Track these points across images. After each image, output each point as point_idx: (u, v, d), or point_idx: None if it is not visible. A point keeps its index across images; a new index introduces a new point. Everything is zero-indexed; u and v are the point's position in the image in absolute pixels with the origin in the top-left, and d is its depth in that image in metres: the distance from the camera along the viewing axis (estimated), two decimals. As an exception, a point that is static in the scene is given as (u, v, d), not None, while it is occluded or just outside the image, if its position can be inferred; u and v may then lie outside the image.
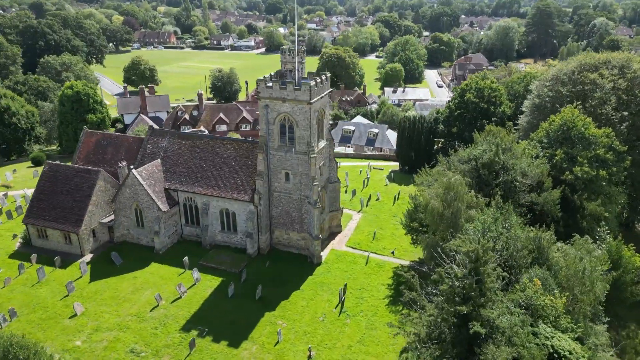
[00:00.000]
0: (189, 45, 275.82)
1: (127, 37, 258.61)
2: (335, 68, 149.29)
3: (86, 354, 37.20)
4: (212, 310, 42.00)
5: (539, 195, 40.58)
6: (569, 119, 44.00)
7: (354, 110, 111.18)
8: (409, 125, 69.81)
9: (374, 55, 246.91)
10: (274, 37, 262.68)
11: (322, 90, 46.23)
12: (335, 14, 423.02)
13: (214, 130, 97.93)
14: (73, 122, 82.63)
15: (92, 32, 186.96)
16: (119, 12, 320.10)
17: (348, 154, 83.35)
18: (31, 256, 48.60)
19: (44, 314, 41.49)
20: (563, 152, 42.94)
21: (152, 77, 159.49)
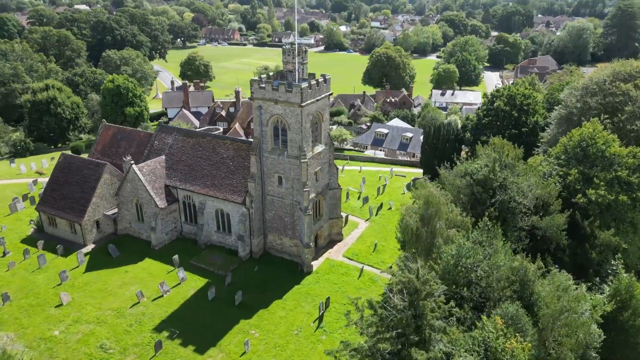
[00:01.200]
0: (252, 42, 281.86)
1: (193, 34, 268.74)
2: (385, 68, 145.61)
3: (60, 345, 38.01)
4: (189, 312, 41.55)
5: (541, 219, 36.11)
6: (588, 134, 38.81)
7: (393, 112, 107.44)
8: (433, 131, 65.78)
9: (435, 56, 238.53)
10: (334, 35, 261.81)
11: (318, 92, 44.22)
12: (402, 12, 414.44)
13: (248, 127, 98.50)
14: (112, 114, 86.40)
15: (157, 28, 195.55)
16: (190, 9, 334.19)
17: (375, 158, 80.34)
18: (38, 242, 50.88)
19: (34, 300, 43.06)
20: (578, 171, 37.94)
21: (206, 72, 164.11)
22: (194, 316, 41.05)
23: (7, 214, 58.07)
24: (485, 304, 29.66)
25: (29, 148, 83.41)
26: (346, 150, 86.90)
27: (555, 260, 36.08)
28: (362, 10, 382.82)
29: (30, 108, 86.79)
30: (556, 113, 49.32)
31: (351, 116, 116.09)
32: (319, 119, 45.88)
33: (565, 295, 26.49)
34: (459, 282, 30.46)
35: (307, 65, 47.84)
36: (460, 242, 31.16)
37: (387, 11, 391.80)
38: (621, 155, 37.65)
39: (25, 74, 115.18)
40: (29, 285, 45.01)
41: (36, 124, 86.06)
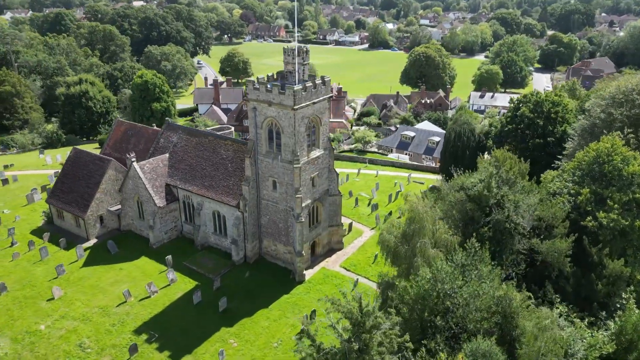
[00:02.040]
0: (296, 39, 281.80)
1: (239, 30, 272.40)
2: (423, 68, 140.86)
3: (42, 340, 38.36)
4: (172, 316, 40.93)
5: (542, 242, 32.53)
6: (605, 150, 34.61)
7: (425, 114, 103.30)
8: (453, 137, 62.07)
9: (483, 55, 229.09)
10: (379, 33, 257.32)
11: (315, 95, 42.25)
12: (454, 10, 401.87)
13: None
14: (140, 109, 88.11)
15: (201, 24, 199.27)
16: (240, 6, 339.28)
17: (395, 163, 77.20)
18: (44, 234, 52.09)
19: (29, 292, 43.90)
20: (590, 191, 33.92)
21: (244, 69, 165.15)
22: (176, 320, 40.36)
23: (24, 205, 59.99)
24: (460, 335, 26.85)
25: (60, 139, 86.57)
26: (369, 153, 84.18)
27: (557, 290, 32.52)
28: (412, 7, 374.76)
29: (64, 101, 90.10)
30: (579, 124, 44.79)
31: (382, 117, 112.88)
32: (316, 123, 43.92)
33: (542, 335, 23.29)
34: (433, 309, 27.81)
35: (308, 66, 46.00)
36: (438, 264, 28.38)
37: (438, 8, 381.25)
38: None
39: (69, 68, 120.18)
40: (28, 277, 45.98)
41: (69, 116, 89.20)
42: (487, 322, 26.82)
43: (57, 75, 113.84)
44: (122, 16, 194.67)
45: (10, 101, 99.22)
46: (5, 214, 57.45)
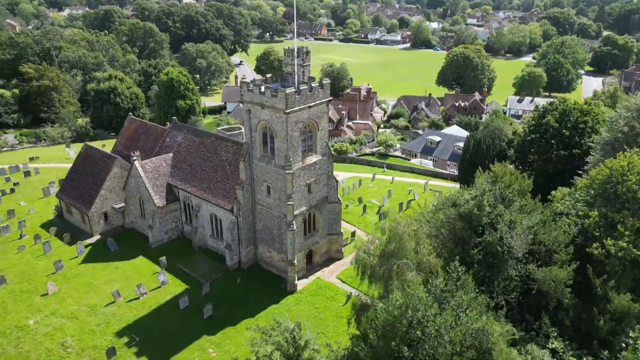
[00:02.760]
0: (338, 38, 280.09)
1: (281, 28, 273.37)
2: (460, 69, 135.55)
3: (28, 335, 38.64)
4: (156, 319, 40.29)
5: (539, 268, 29.28)
6: (620, 169, 30.78)
7: (456, 118, 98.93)
8: (473, 144, 58.46)
9: (531, 57, 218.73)
10: (422, 32, 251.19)
11: (310, 98, 40.36)
12: (505, 8, 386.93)
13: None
14: (165, 106, 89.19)
15: (241, 22, 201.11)
16: (284, 4, 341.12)
17: (414, 169, 73.99)
18: (50, 228, 53.04)
19: (27, 286, 44.56)
20: (600, 214, 30.26)
21: (280, 67, 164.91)
22: (160, 324, 39.68)
23: (40, 197, 61.60)
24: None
25: (89, 134, 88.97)
26: (391, 157, 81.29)
27: (555, 322, 29.23)
28: (460, 6, 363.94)
29: (94, 96, 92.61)
30: (600, 137, 40.55)
31: (412, 120, 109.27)
32: (313, 127, 42.03)
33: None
34: (404, 338, 25.40)
35: (309, 67, 44.11)
36: (411, 289, 25.91)
37: (488, 7, 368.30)
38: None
39: (107, 64, 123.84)
40: (28, 271, 46.77)
41: (98, 111, 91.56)
42: (459, 357, 24.17)
43: (95, 71, 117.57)
44: (166, 14, 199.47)
45: (48, 95, 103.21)
46: (20, 206, 59.13)
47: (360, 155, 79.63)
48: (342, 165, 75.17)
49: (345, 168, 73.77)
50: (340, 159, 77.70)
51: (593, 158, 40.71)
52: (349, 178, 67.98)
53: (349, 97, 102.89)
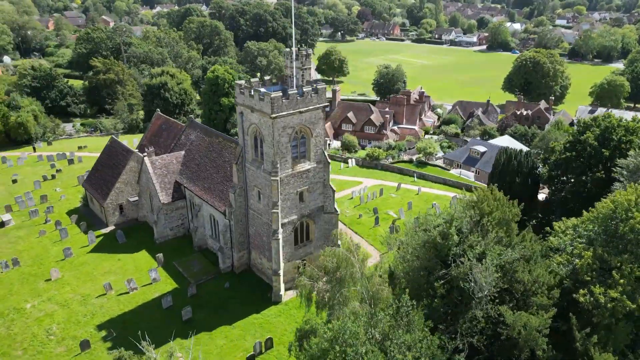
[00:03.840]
0: (411, 38, 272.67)
1: (352, 28, 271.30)
2: (529, 74, 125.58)
3: (22, 319, 40.54)
4: (138, 316, 40.62)
5: (512, 312, 25.27)
6: (624, 204, 25.76)
7: (512, 128, 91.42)
8: (503, 160, 53.16)
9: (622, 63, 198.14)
10: (500, 33, 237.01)
11: (302, 104, 38.40)
12: (601, 9, 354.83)
13: (339, 128, 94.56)
14: (209, 102, 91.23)
15: (307, 21, 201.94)
16: (360, 3, 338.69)
17: (447, 181, 69.05)
18: (72, 216, 55.79)
19: (35, 270, 47.06)
20: (594, 255, 25.54)
21: (340, 67, 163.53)
22: (140, 321, 39.89)
23: (74, 185, 65.25)
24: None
25: (138, 126, 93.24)
26: (429, 166, 76.77)
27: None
28: (550, 5, 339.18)
29: (146, 90, 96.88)
30: (625, 161, 34.52)
31: (465, 127, 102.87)
32: (306, 134, 40.07)
33: None
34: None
35: (310, 70, 42.19)
36: (339, 323, 23.37)
37: (582, 7, 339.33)
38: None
39: (171, 60, 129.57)
40: (42, 255, 49.40)
41: (149, 105, 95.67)
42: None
43: (159, 66, 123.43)
44: (239, 12, 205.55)
45: (113, 88, 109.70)
46: (55, 192, 63.01)
47: (394, 162, 76.01)
48: (371, 172, 72.21)
49: (374, 175, 70.74)
50: (371, 165, 74.74)
51: (620, 185, 34.86)
52: (372, 186, 65.00)
53: (395, 101, 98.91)
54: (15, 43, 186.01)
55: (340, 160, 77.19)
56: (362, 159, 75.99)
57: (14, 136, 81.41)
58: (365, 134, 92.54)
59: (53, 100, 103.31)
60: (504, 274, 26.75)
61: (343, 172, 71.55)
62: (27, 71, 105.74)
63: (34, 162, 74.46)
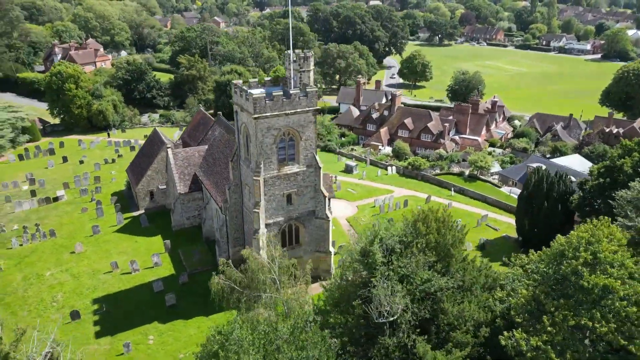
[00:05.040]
0: (515, 44, 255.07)
1: (451, 32, 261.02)
2: (631, 87, 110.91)
3: (38, 284, 45.48)
4: (130, 296, 43.50)
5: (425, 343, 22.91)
6: (575, 242, 21.94)
7: (589, 147, 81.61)
8: (534, 182, 47.90)
9: None
10: (618, 41, 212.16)
11: (288, 106, 38.16)
12: None
13: (395, 134, 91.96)
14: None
15: (398, 24, 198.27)
16: (465, 6, 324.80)
17: (487, 199, 63.61)
18: (111, 197, 61.16)
19: (66, 242, 52.47)
20: (530, 295, 22.18)
21: (423, 72, 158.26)
22: (130, 301, 42.75)
23: (127, 169, 71.36)
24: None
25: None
26: (480, 181, 71.67)
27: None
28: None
29: (215, 87, 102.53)
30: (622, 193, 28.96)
31: (539, 142, 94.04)
32: (295, 136, 39.75)
33: None
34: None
35: (310, 73, 41.72)
36: (232, 327, 23.03)
37: None
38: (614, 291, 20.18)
39: (251, 59, 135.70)
40: (76, 230, 54.93)
41: (217, 101, 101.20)
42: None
43: (240, 65, 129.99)
44: (333, 14, 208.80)
45: (195, 83, 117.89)
46: (110, 174, 69.51)
47: (439, 174, 72.07)
48: (408, 182, 69.23)
49: (409, 185, 67.74)
50: (412, 175, 71.65)
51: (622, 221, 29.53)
52: (401, 196, 62.30)
53: (459, 109, 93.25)
54: (132, 39, 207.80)
55: (383, 167, 75.05)
56: (404, 168, 73.14)
57: (95, 122, 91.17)
58: (422, 142, 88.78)
59: (140, 92, 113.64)
60: (433, 302, 24.36)
61: (379, 179, 69.54)
62: (122, 65, 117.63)
63: (104, 147, 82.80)
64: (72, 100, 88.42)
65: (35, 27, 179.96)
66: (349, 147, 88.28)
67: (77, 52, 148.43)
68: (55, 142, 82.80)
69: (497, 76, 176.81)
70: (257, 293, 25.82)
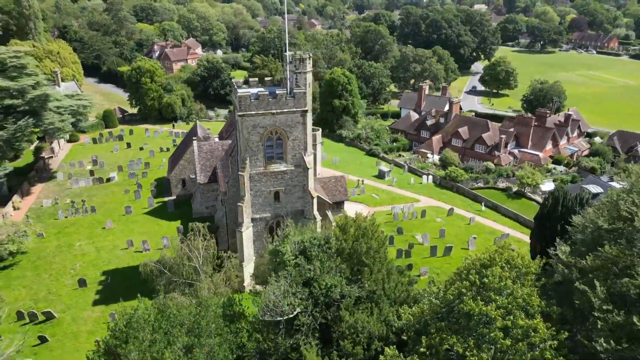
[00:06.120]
0: (630, 53, 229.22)
1: (555, 38, 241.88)
2: None
3: (67, 252, 51.33)
4: (133, 272, 46.74)
5: (306, 347, 22.70)
6: (471, 265, 20.29)
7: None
8: (550, 203, 43.70)
9: None
10: None
11: (274, 106, 39.12)
12: None
13: (449, 142, 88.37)
14: (323, 103, 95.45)
15: (488, 29, 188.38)
16: (578, 11, 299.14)
17: (519, 217, 58.79)
18: (152, 182, 66.65)
19: (102, 218, 58.38)
20: (420, 314, 20.94)
21: (506, 80, 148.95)
22: (131, 277, 46.22)
23: (176, 159, 77.01)
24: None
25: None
26: (524, 199, 66.61)
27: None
28: None
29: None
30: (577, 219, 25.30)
31: (614, 162, 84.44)
32: (282, 136, 40.62)
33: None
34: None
35: (307, 75, 42.21)
36: (136, 308, 24.73)
37: None
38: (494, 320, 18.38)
39: (324, 60, 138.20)
40: (114, 209, 60.83)
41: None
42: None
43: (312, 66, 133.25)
44: (423, 18, 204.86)
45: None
46: (160, 162, 75.60)
47: (475, 188, 68.03)
48: (440, 192, 66.31)
49: (438, 196, 64.83)
50: (447, 186, 68.52)
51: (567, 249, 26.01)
52: (424, 206, 60.00)
53: (521, 120, 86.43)
54: (229, 39, 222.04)
55: (421, 175, 72.71)
56: (441, 178, 70.19)
57: (164, 114, 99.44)
58: (475, 153, 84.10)
59: (215, 89, 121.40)
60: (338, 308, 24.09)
61: (410, 187, 67.52)
62: (202, 63, 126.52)
63: (165, 137, 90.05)
64: (146, 93, 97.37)
65: (146, 26, 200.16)
66: (396, 153, 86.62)
67: (172, 50, 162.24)
68: (127, 129, 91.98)
69: (596, 87, 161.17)
70: (178, 279, 27.29)
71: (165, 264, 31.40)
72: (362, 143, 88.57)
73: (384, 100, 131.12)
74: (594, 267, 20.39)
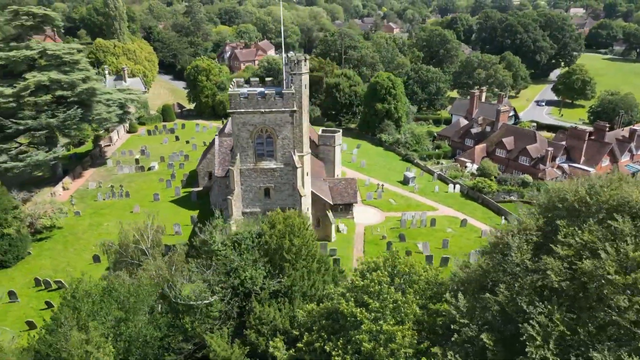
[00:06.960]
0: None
1: None
2: None
3: (96, 230, 56.72)
4: (144, 253, 51.18)
5: (211, 334, 23.86)
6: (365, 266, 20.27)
7: None
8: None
9: None
10: None
11: (263, 105, 40.61)
12: None
13: (493, 152, 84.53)
14: (367, 106, 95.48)
15: (571, 34, 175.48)
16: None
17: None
18: (184, 174, 71.07)
19: (133, 203, 63.38)
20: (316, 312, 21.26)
21: (582, 89, 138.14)
22: (140, 258, 50.44)
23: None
24: None
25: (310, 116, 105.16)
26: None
27: None
28: None
29: (325, 88, 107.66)
30: None
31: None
32: (272, 134, 41.99)
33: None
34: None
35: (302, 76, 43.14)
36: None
37: None
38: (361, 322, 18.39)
39: (382, 63, 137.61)
40: (146, 195, 65.81)
41: (326, 101, 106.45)
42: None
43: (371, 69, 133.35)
44: (500, 22, 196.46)
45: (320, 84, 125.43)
46: (199, 155, 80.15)
47: (501, 201, 64.48)
48: (463, 203, 63.82)
49: (460, 206, 62.37)
50: (474, 197, 65.77)
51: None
52: (438, 215, 58.23)
53: (574, 133, 79.92)
54: (303, 41, 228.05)
55: (449, 183, 70.46)
56: (469, 188, 67.52)
57: (217, 111, 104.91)
58: (518, 165, 79.54)
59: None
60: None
61: (432, 195, 65.65)
62: (262, 63, 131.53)
63: (213, 132, 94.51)
64: (202, 90, 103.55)
65: (226, 28, 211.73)
66: (435, 160, 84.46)
67: (241, 51, 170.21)
68: (179, 123, 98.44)
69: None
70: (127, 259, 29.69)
71: (121, 244, 34.12)
72: (400, 148, 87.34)
73: (440, 105, 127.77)
74: (465, 280, 19.42)
